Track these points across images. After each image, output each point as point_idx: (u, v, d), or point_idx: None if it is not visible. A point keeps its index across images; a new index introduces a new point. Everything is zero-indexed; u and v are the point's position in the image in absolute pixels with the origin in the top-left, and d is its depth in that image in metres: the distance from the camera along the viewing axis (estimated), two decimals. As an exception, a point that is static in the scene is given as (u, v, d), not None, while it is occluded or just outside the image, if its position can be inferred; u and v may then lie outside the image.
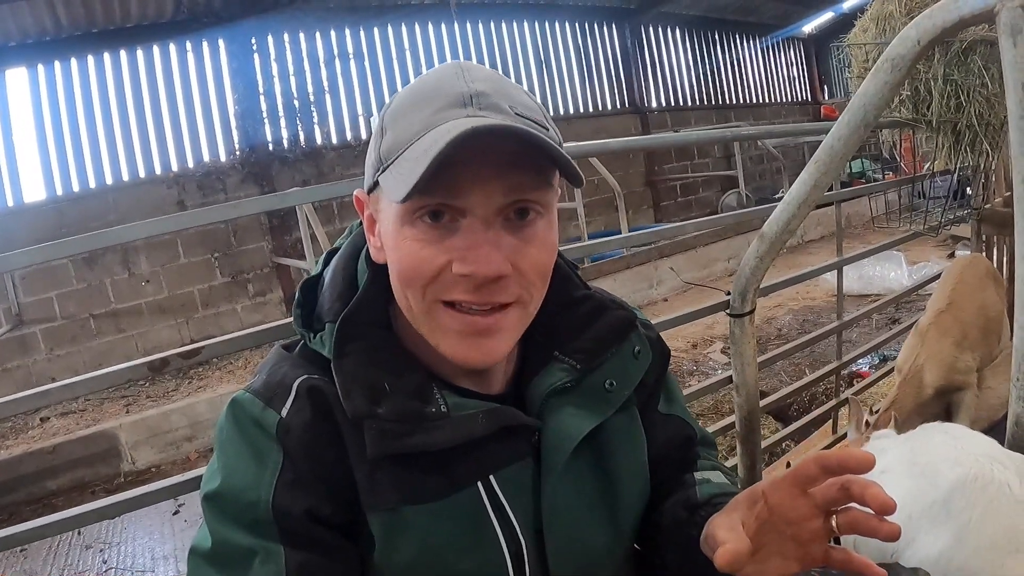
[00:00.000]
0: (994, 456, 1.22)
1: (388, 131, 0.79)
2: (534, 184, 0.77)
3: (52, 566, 3.49)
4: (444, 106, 0.75)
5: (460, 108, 0.75)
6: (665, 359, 1.05)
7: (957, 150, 2.55)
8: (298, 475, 0.79)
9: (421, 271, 0.77)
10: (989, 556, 1.12)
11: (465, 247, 0.75)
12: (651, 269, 7.29)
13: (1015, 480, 1.16)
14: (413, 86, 0.81)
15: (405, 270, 0.78)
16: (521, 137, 0.72)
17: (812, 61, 13.47)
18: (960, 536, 1.15)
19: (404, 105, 0.79)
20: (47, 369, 5.87)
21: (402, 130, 0.77)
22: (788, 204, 1.47)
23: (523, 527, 0.84)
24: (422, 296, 0.78)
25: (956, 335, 2.32)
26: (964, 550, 1.14)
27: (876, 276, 6.08)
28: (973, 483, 1.18)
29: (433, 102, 0.76)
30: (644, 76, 10.46)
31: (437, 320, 0.79)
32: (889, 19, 2.55)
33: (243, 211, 1.45)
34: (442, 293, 0.77)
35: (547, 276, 0.84)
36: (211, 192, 6.73)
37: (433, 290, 0.77)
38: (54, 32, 5.92)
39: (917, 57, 1.15)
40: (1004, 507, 1.14)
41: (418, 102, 0.78)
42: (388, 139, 0.78)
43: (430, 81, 0.80)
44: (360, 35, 7.81)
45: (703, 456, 1.07)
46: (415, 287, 0.78)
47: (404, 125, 0.77)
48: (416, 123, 0.76)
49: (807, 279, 2.54)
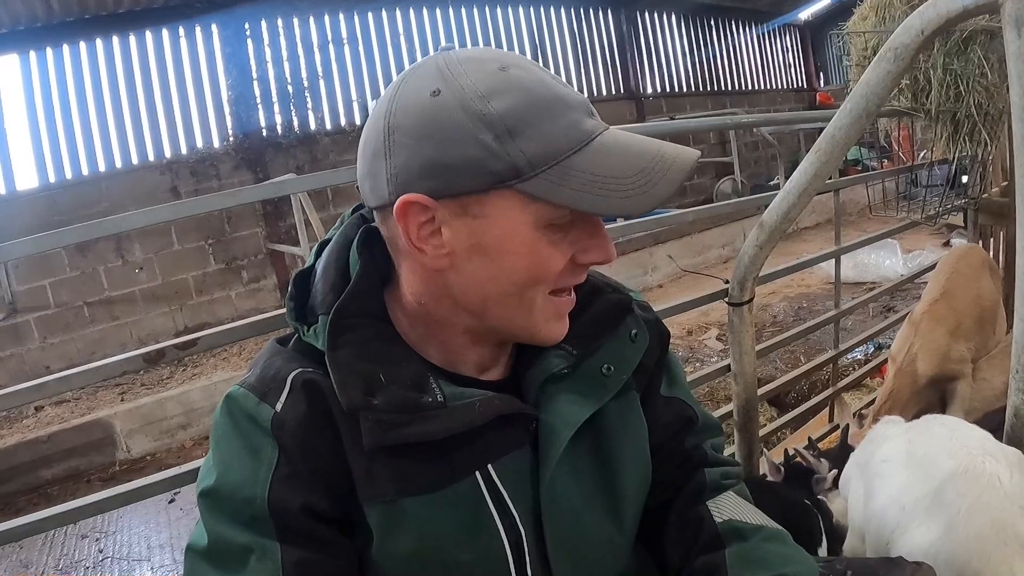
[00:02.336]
0: (986, 449, 1.23)
1: (520, 137, 0.74)
2: None
3: (48, 556, 3.49)
4: (580, 113, 0.78)
5: (590, 116, 0.79)
6: (664, 341, 1.05)
7: (955, 139, 2.56)
8: (294, 470, 0.79)
9: (551, 269, 0.80)
10: (977, 548, 1.13)
11: (589, 238, 0.81)
12: (646, 255, 7.29)
13: (1006, 473, 1.18)
14: (522, 86, 0.77)
15: (538, 272, 0.80)
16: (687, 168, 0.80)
17: (808, 48, 13.42)
18: (949, 528, 1.17)
19: (532, 108, 0.76)
20: (41, 358, 5.85)
21: (548, 137, 0.75)
22: (788, 193, 1.46)
23: (522, 516, 0.84)
24: (544, 292, 0.82)
25: (950, 324, 2.32)
26: (953, 541, 1.15)
27: (871, 264, 6.10)
28: (964, 475, 1.20)
29: (562, 106, 0.77)
30: (640, 62, 10.40)
31: (546, 311, 0.84)
32: (889, 7, 2.54)
33: (240, 199, 1.43)
34: (559, 283, 0.83)
35: None
36: (204, 178, 6.68)
37: (553, 283, 0.82)
38: (46, 18, 5.84)
39: (920, 47, 1.15)
40: (993, 500, 1.15)
41: (547, 107, 0.76)
42: (530, 144, 0.75)
43: (533, 81, 0.77)
44: (354, 20, 7.74)
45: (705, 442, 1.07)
46: (541, 285, 0.81)
47: (548, 131, 0.75)
48: (562, 129, 0.76)
49: (805, 268, 2.53)
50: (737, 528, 0.97)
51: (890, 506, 1.31)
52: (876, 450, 1.48)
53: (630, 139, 0.79)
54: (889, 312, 5.02)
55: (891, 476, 1.36)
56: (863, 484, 1.46)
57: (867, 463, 1.48)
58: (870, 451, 1.51)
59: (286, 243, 6.50)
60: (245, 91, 6.96)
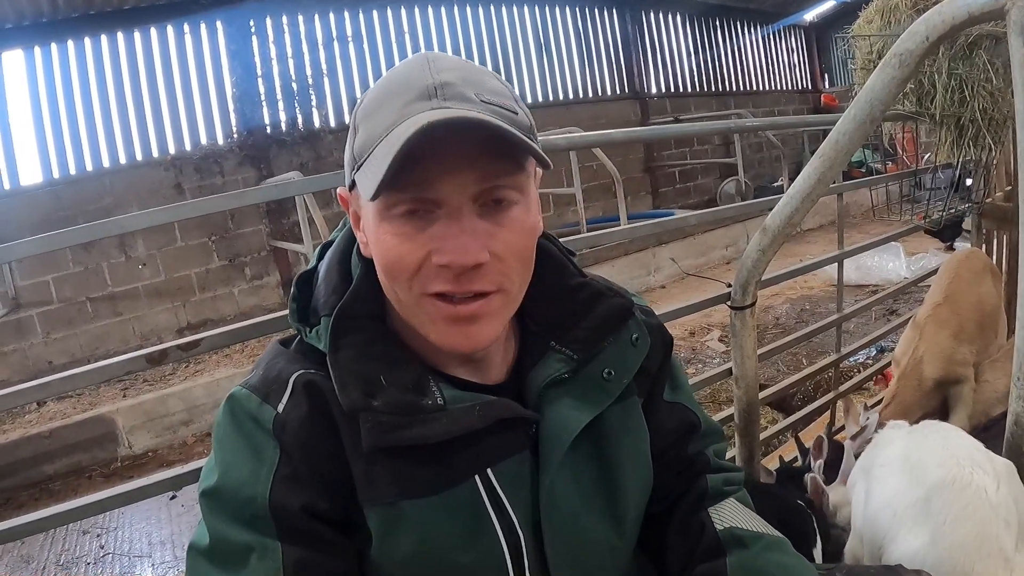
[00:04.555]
0: (975, 460, 1.24)
1: (360, 129, 0.80)
2: (505, 170, 0.77)
3: (49, 551, 3.49)
4: (411, 100, 0.76)
5: (425, 100, 0.75)
6: (667, 346, 1.04)
7: (960, 144, 2.55)
8: (295, 471, 0.79)
9: (403, 265, 0.77)
10: (959, 559, 1.13)
11: (442, 238, 0.76)
12: (649, 256, 7.28)
13: (992, 485, 1.18)
14: (381, 82, 0.82)
15: (388, 265, 0.79)
16: (479, 125, 0.72)
17: (813, 49, 13.39)
18: (935, 537, 1.17)
19: (373, 102, 0.80)
20: (44, 353, 5.85)
21: (372, 127, 0.77)
22: (791, 198, 1.46)
23: (521, 520, 0.84)
24: (408, 289, 0.79)
25: (953, 327, 2.32)
26: (937, 551, 1.16)
27: (874, 266, 6.08)
28: (951, 486, 1.20)
29: (400, 96, 0.77)
30: (644, 62, 10.38)
31: (424, 311, 0.80)
32: (895, 11, 2.53)
33: (244, 201, 1.44)
34: (426, 286, 0.78)
35: (528, 260, 0.84)
36: (208, 175, 6.68)
37: (417, 283, 0.78)
38: (51, 14, 5.84)
39: (925, 53, 1.15)
40: (978, 511, 1.16)
41: (386, 98, 0.78)
42: (360, 137, 0.79)
43: (397, 75, 0.80)
44: (359, 18, 7.74)
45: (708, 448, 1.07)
46: (400, 281, 0.79)
47: (374, 122, 0.77)
48: (384, 119, 0.76)
49: (808, 271, 2.53)
50: (738, 536, 0.97)
51: (883, 510, 1.31)
52: (878, 454, 1.49)
53: (427, 118, 0.71)
54: (892, 315, 5.00)
55: (886, 481, 1.37)
56: (864, 487, 1.46)
57: (869, 467, 1.49)
58: (873, 455, 1.52)
59: (289, 240, 6.50)
60: (249, 88, 6.96)
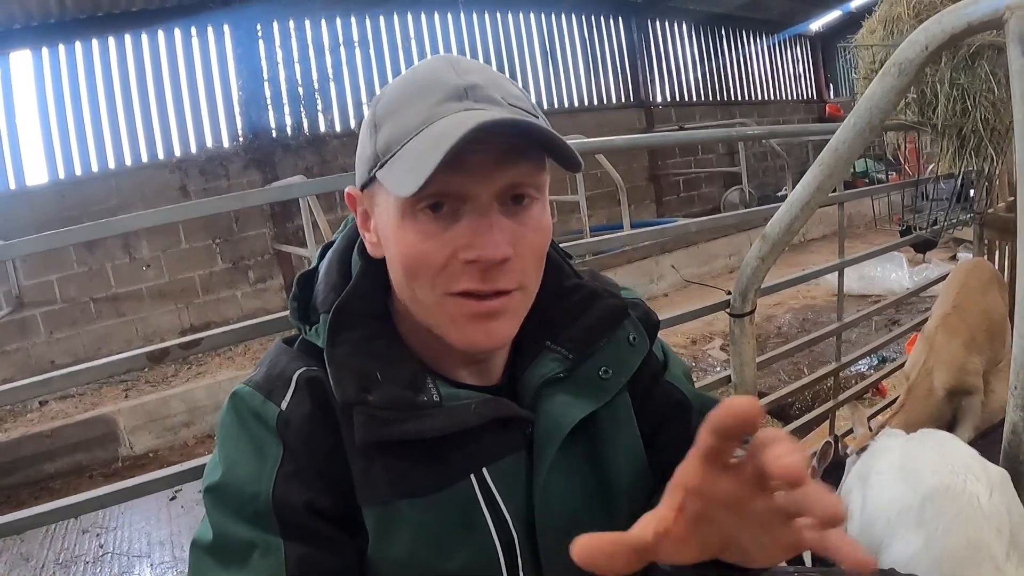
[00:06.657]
0: (970, 468, 1.24)
1: (384, 125, 0.79)
2: (531, 170, 0.78)
3: (48, 550, 3.50)
4: (441, 99, 0.76)
5: (456, 101, 0.76)
6: (653, 330, 1.02)
7: (962, 154, 2.55)
8: (298, 468, 0.79)
9: (427, 264, 0.77)
10: (950, 567, 1.13)
11: (470, 233, 0.75)
12: (652, 264, 7.28)
13: (985, 494, 1.18)
14: (405, 79, 0.82)
15: (411, 264, 0.78)
16: (524, 128, 0.73)
17: (818, 59, 13.40)
18: (927, 544, 1.18)
19: (399, 99, 0.80)
20: (47, 352, 5.88)
21: (400, 124, 0.77)
22: (791, 206, 1.47)
23: (515, 519, 0.84)
24: (431, 288, 0.78)
25: (964, 337, 2.30)
26: (929, 558, 1.16)
27: (877, 277, 6.07)
28: (944, 493, 1.20)
29: (429, 95, 0.77)
30: (649, 70, 10.41)
31: (446, 310, 0.79)
32: (897, 21, 2.54)
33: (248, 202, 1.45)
34: (450, 284, 0.77)
35: (543, 258, 0.84)
36: (213, 178, 6.71)
37: (441, 282, 0.77)
38: (59, 15, 5.89)
39: (925, 62, 1.15)
40: (970, 520, 1.16)
41: (413, 96, 0.78)
42: (384, 133, 0.78)
43: (423, 74, 0.80)
44: (366, 23, 7.78)
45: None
46: (422, 280, 0.78)
47: (401, 119, 0.77)
48: (414, 117, 0.76)
49: (808, 280, 2.53)
50: None
51: (879, 517, 1.32)
52: (876, 462, 1.49)
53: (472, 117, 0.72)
54: (893, 325, 5.00)
55: (883, 488, 1.37)
56: (860, 494, 1.47)
57: (866, 474, 1.49)
58: (871, 463, 1.52)
59: (293, 244, 6.51)
60: (255, 91, 7.00)
